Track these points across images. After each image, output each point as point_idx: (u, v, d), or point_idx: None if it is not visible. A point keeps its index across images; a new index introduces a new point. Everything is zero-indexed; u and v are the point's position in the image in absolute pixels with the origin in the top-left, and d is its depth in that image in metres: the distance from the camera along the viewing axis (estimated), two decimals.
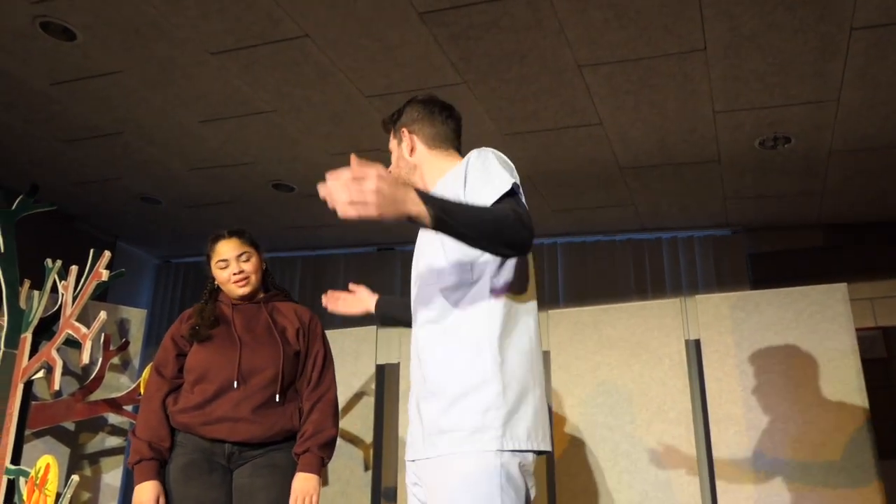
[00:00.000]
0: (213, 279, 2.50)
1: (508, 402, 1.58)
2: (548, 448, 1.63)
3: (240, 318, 2.42)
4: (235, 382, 2.29)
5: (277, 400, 2.31)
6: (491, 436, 1.55)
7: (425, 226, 1.41)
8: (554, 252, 5.16)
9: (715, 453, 3.49)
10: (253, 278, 2.43)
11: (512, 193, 1.63)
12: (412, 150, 1.87)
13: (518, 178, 1.73)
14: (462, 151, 1.94)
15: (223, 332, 2.38)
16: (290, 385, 2.38)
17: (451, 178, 1.80)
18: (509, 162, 1.77)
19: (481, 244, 1.49)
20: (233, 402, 2.27)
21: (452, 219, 1.42)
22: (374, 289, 2.25)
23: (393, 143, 1.93)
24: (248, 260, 2.43)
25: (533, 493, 1.63)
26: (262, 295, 2.51)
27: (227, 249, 2.44)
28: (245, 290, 2.42)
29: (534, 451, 1.61)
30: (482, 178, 1.66)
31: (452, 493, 1.54)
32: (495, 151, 1.77)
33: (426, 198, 1.41)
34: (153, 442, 2.26)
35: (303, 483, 2.26)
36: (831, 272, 4.13)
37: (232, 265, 2.41)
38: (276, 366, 2.33)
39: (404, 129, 1.89)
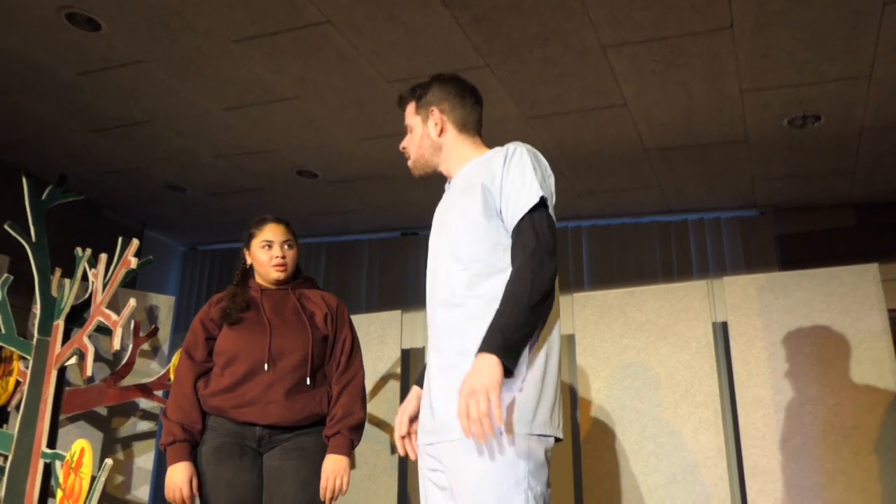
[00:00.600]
0: (245, 262, 2.54)
1: (536, 387, 1.59)
2: (561, 436, 1.65)
3: (269, 302, 2.45)
4: (266, 364, 2.32)
5: (308, 383, 2.34)
6: (522, 419, 1.56)
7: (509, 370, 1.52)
8: (579, 235, 5.13)
9: (742, 436, 3.46)
10: (290, 267, 2.50)
11: (537, 207, 1.64)
12: (442, 131, 1.85)
13: (551, 180, 1.75)
14: (483, 136, 1.94)
15: (253, 315, 2.41)
16: (319, 368, 2.41)
17: (476, 168, 1.79)
18: (543, 161, 1.77)
19: (543, 313, 1.59)
20: (264, 385, 2.30)
21: (517, 344, 1.54)
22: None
23: (415, 119, 1.89)
24: (291, 247, 2.50)
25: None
26: (290, 282, 2.55)
27: (274, 233, 2.50)
28: (281, 276, 2.47)
29: (555, 437, 1.62)
30: (517, 188, 1.67)
31: (482, 476, 1.53)
32: (532, 151, 1.75)
33: (492, 355, 1.50)
34: (185, 424, 2.29)
35: (333, 464, 2.29)
36: (862, 253, 4.06)
37: (276, 248, 2.47)
38: (305, 348, 2.36)
39: (434, 109, 1.86)
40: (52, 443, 3.26)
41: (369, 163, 4.24)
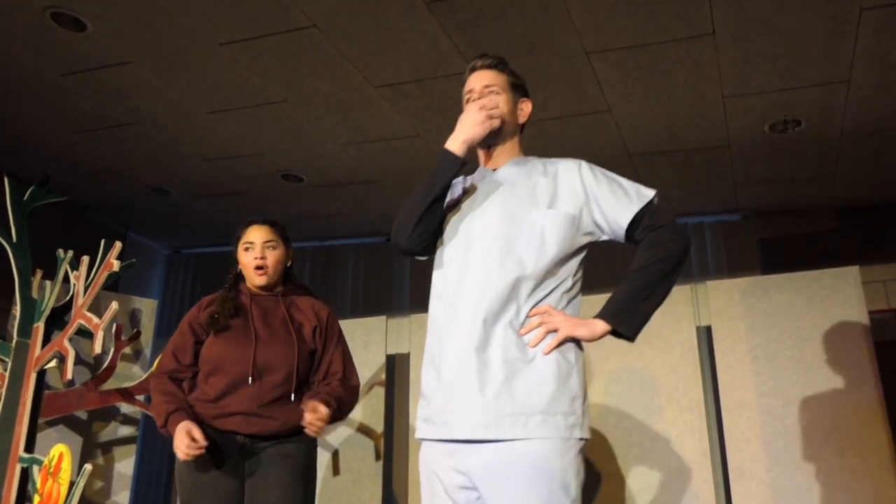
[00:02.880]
0: (237, 265, 2.51)
1: (583, 393, 1.67)
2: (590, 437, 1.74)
3: (257, 309, 2.42)
4: (250, 378, 2.30)
5: (292, 399, 2.33)
6: (576, 424, 1.61)
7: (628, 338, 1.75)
8: None
9: (727, 440, 3.49)
10: (272, 270, 2.44)
11: (651, 203, 1.80)
12: (517, 122, 1.94)
13: None
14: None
15: (240, 323, 2.38)
16: (303, 383, 2.40)
17: (530, 167, 1.87)
18: None
19: (672, 280, 1.74)
20: (246, 398, 2.28)
21: (646, 315, 1.72)
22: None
23: (507, 93, 1.92)
24: (273, 249, 2.44)
25: None
26: (280, 288, 2.51)
27: (255, 234, 2.46)
28: (261, 281, 2.43)
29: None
30: (619, 192, 1.81)
31: (536, 479, 1.53)
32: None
33: (614, 320, 1.72)
34: (175, 399, 2.28)
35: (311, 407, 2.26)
36: (844, 256, 4.11)
37: (256, 250, 2.43)
38: (290, 364, 2.34)
39: (529, 103, 1.97)
40: (29, 447, 3.23)
41: (355, 167, 4.24)
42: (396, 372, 4.41)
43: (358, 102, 3.52)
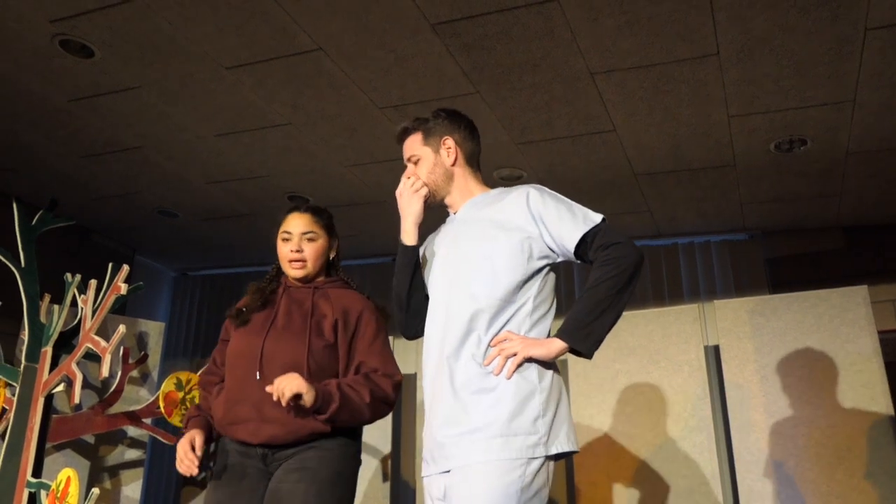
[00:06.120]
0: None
1: (551, 411, 1.69)
2: (577, 448, 1.75)
3: (287, 302, 2.20)
4: (257, 373, 2.07)
5: (302, 399, 1.99)
6: (539, 443, 1.64)
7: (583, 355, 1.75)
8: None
9: (736, 460, 3.45)
10: (310, 263, 2.21)
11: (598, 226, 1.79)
12: (455, 160, 1.96)
13: None
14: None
15: (262, 317, 2.18)
16: (320, 382, 2.06)
17: (485, 204, 1.90)
18: None
19: (626, 297, 1.73)
20: (255, 400, 2.05)
21: (601, 332, 1.71)
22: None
23: (424, 150, 1.97)
24: (312, 240, 2.22)
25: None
26: (321, 279, 2.28)
27: (294, 223, 2.24)
28: (298, 274, 2.21)
29: (571, 452, 1.72)
30: (570, 214, 1.80)
31: (496, 500, 1.60)
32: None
33: (569, 337, 1.72)
34: (202, 407, 2.19)
35: (287, 377, 1.95)
36: (851, 275, 4.09)
37: (293, 241, 2.22)
38: (296, 358, 2.07)
39: (449, 138, 1.96)
40: (37, 471, 3.22)
41: (360, 188, 4.26)
42: (404, 392, 4.39)
43: (363, 124, 3.54)
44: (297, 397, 1.94)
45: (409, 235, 1.97)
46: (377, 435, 4.06)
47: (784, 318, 3.57)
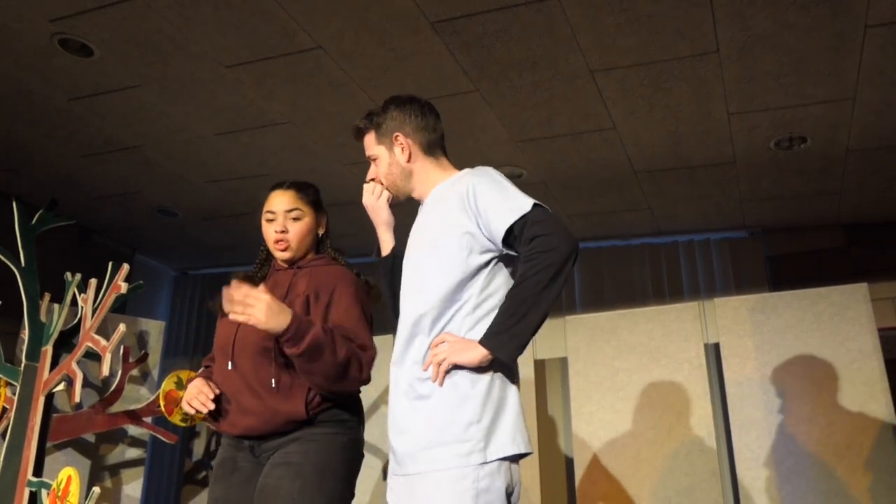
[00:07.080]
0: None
1: (488, 416, 1.60)
2: (529, 450, 1.66)
3: (268, 287, 1.99)
4: (230, 363, 1.98)
5: (273, 385, 1.91)
6: (473, 450, 1.57)
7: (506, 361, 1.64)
8: None
9: (737, 458, 3.45)
10: (295, 244, 2.07)
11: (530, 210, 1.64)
12: (410, 156, 1.85)
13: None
14: (472, 159, 1.96)
15: None
16: (291, 365, 1.93)
17: (442, 193, 1.80)
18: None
19: (557, 290, 1.59)
20: (233, 390, 1.97)
21: (525, 335, 1.58)
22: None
23: (378, 149, 1.89)
24: (297, 219, 2.08)
25: (517, 498, 1.65)
26: (309, 258, 2.14)
27: (278, 201, 2.09)
28: (285, 255, 2.08)
29: (519, 455, 1.63)
30: (498, 202, 1.66)
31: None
32: (493, 170, 1.78)
33: (489, 343, 1.59)
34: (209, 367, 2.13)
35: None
36: (851, 272, 4.09)
37: (278, 221, 2.07)
38: (265, 345, 1.92)
39: (399, 135, 1.85)
40: (38, 471, 3.22)
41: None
42: None
43: None
44: (265, 382, 1.91)
45: (383, 244, 1.94)
46: (377, 433, 4.06)
47: (784, 316, 3.57)
